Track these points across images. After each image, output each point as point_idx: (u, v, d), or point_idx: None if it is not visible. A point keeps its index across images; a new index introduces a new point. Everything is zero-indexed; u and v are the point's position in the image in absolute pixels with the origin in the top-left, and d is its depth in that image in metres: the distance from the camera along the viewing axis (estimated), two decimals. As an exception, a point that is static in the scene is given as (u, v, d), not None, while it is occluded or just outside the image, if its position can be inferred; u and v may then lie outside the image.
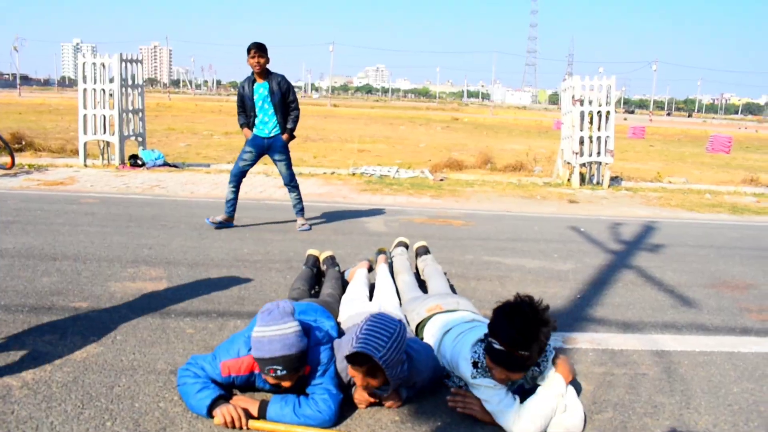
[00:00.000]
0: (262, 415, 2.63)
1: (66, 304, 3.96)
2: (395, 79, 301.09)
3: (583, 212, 9.09)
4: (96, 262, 4.99)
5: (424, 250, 4.93)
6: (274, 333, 2.59)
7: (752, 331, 4.14)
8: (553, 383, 2.71)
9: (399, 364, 2.66)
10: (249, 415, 2.63)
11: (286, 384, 2.67)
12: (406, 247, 5.03)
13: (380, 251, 4.93)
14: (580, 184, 12.15)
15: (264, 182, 10.46)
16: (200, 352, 3.30)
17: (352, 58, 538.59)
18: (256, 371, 2.76)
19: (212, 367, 2.75)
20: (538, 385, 2.78)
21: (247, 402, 2.68)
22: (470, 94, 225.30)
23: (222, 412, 2.58)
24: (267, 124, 6.62)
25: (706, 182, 14.72)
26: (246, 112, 6.66)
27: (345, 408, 2.78)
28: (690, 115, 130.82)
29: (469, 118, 52.58)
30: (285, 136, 6.66)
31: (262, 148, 6.72)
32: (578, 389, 3.12)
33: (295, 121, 6.71)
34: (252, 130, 6.69)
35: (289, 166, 6.81)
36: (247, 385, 2.82)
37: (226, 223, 6.68)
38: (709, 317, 4.39)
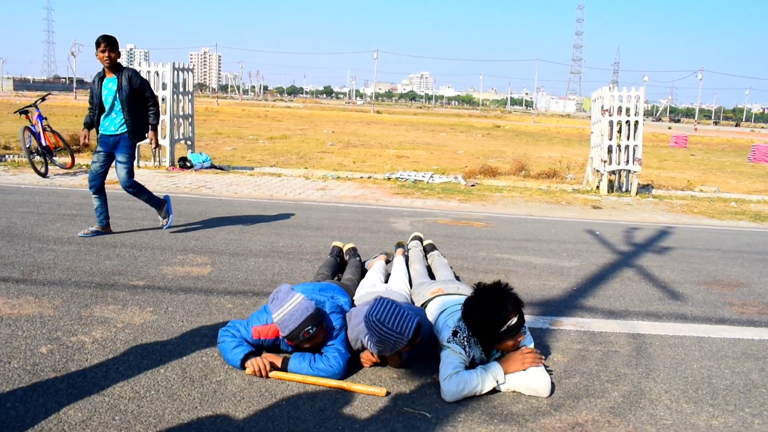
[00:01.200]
0: (284, 367, 3.24)
1: (126, 282, 4.67)
2: (439, 87, 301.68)
3: (604, 217, 9.51)
4: (150, 250, 5.70)
5: (431, 248, 5.50)
6: (289, 308, 3.21)
7: (728, 321, 4.61)
8: (492, 367, 3.21)
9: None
10: (274, 367, 3.23)
11: (318, 338, 3.29)
12: (421, 240, 5.60)
13: (399, 244, 5.56)
14: (609, 192, 12.52)
15: (303, 184, 11.12)
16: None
17: (396, 66, 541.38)
18: (282, 337, 3.37)
19: (246, 330, 3.37)
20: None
21: (273, 357, 3.29)
22: (514, 102, 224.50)
23: (252, 364, 3.20)
24: (114, 120, 6.20)
25: (740, 191, 14.90)
26: (93, 109, 6.26)
27: (352, 367, 3.38)
28: (737, 125, 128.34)
29: (510, 125, 52.74)
30: (151, 134, 6.42)
31: (108, 146, 6.25)
32: (553, 360, 3.65)
33: (156, 116, 6.39)
34: (93, 130, 6.36)
35: (128, 169, 6.32)
36: (273, 347, 3.44)
37: (102, 232, 6.34)
38: (692, 309, 4.86)
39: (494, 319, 3.14)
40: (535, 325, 4.22)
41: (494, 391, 3.17)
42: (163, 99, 12.38)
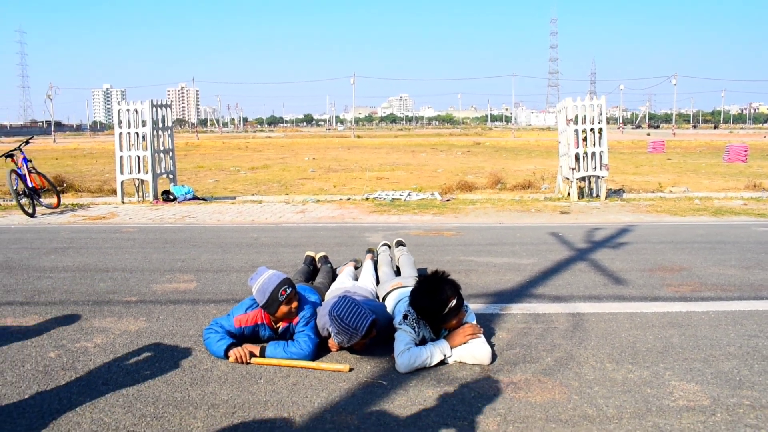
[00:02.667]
0: (262, 354, 3.76)
1: (120, 299, 5.18)
2: (419, 108, 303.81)
3: (569, 221, 10.05)
4: (140, 273, 6.21)
5: (400, 243, 6.06)
6: (266, 276, 3.85)
7: (661, 299, 5.15)
8: (440, 343, 3.75)
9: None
10: (253, 355, 3.74)
11: (294, 304, 3.87)
12: (389, 247, 6.14)
13: (369, 250, 6.10)
14: (579, 198, 13.09)
15: (283, 209, 11.64)
16: (221, 326, 4.42)
17: (375, 89, 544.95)
18: (260, 322, 3.90)
19: (228, 322, 3.90)
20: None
21: (252, 347, 3.81)
22: (494, 118, 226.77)
23: (234, 353, 3.73)
24: None
25: (711, 190, 15.47)
26: None
27: (321, 351, 3.90)
28: (716, 127, 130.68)
29: (491, 141, 53.54)
30: None
31: None
32: (498, 337, 4.18)
33: None
34: None
35: None
36: (253, 335, 3.97)
37: None
38: (631, 291, 5.41)
39: (436, 303, 3.68)
40: (486, 311, 4.76)
41: (443, 363, 3.69)
42: (143, 136, 12.92)
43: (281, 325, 3.97)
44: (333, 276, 5.39)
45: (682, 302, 5.06)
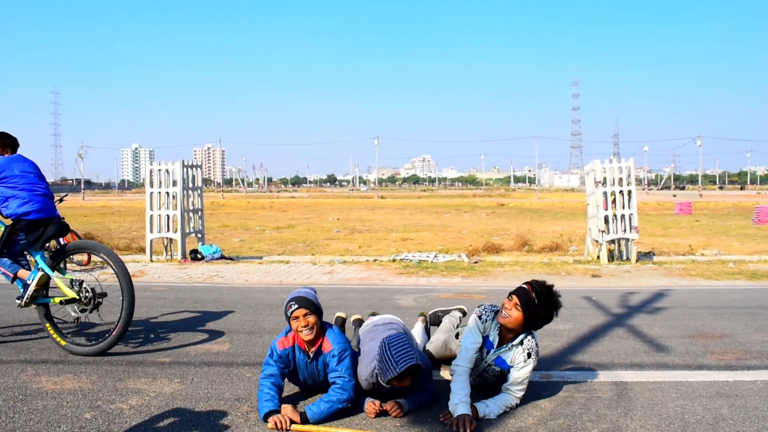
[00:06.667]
0: (304, 421, 3.72)
1: (154, 360, 5.16)
2: (441, 169, 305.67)
3: (602, 285, 9.90)
4: (173, 332, 6.18)
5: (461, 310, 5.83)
6: (301, 290, 4.10)
7: (706, 367, 5.00)
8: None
9: None
10: (293, 422, 3.69)
11: (306, 321, 3.99)
12: (464, 313, 5.78)
13: (421, 314, 5.91)
14: (609, 261, 12.92)
15: (310, 270, 11.62)
16: (255, 390, 4.35)
17: (398, 150, 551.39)
18: (295, 344, 4.12)
19: (276, 352, 4.11)
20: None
21: (293, 413, 3.76)
22: (517, 179, 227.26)
23: (273, 419, 3.68)
24: None
25: (743, 253, 15.18)
26: None
27: (358, 418, 3.81)
28: (742, 188, 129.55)
29: (514, 203, 53.51)
30: None
31: None
32: (540, 406, 4.06)
33: None
34: None
35: None
36: (293, 359, 4.15)
37: None
38: (674, 359, 5.26)
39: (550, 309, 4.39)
40: (526, 379, 4.63)
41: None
42: (173, 195, 13.09)
43: (312, 350, 4.09)
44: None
45: (728, 371, 4.90)
